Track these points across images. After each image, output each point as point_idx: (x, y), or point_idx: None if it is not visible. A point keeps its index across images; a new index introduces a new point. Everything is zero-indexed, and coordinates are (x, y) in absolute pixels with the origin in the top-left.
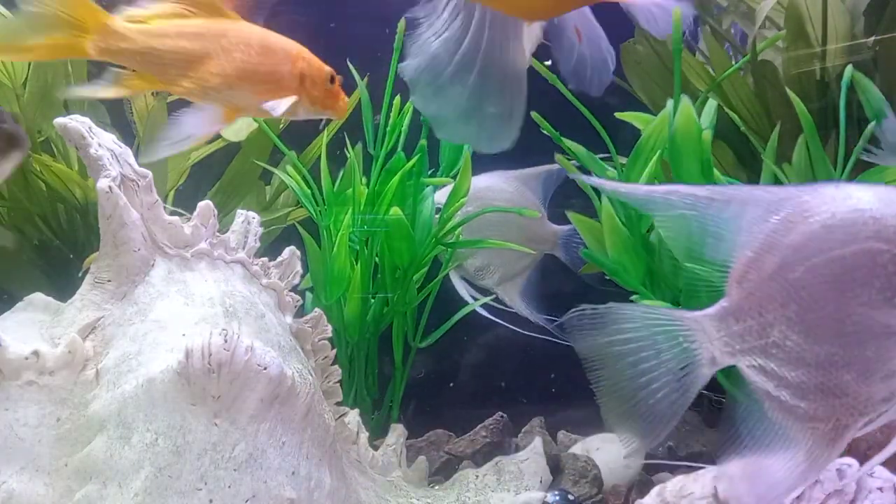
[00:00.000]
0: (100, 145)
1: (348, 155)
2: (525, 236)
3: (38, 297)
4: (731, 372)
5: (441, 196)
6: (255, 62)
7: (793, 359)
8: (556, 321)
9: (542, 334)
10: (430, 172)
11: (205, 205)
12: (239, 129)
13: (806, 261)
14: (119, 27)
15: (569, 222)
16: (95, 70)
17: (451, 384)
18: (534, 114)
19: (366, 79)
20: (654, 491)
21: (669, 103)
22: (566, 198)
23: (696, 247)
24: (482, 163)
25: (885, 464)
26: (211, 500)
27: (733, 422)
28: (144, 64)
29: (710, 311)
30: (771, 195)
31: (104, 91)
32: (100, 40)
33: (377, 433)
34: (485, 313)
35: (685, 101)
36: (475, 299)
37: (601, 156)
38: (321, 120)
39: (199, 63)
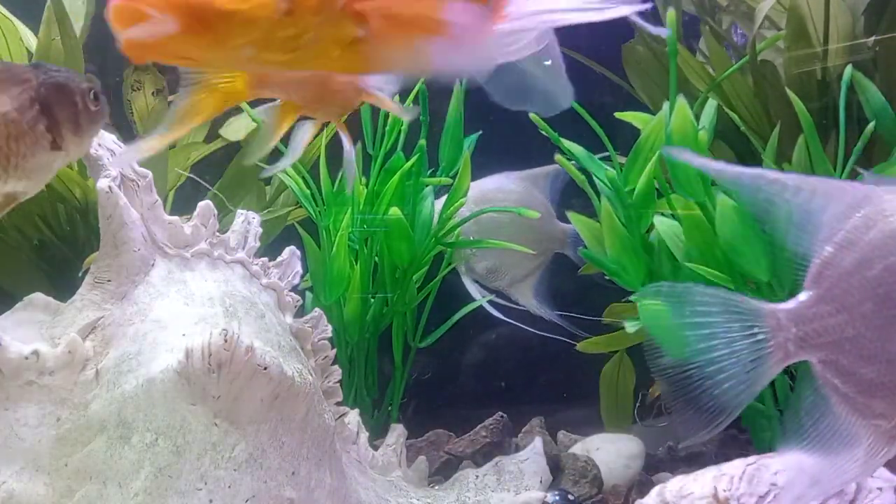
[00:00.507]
0: (100, 145)
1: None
2: (535, 236)
3: (38, 297)
4: None
5: (441, 204)
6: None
7: (865, 356)
8: (573, 317)
9: (556, 333)
10: (429, 172)
11: (205, 205)
12: (238, 129)
13: (884, 259)
14: None
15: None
16: (94, 72)
17: (452, 384)
18: (532, 115)
19: None
20: (654, 491)
21: (667, 104)
22: (566, 198)
23: (780, 235)
24: (485, 166)
25: (885, 464)
26: (211, 500)
27: (797, 414)
28: (288, 91)
29: (789, 305)
30: (854, 191)
31: (272, 134)
32: (250, 77)
33: (377, 433)
34: (497, 314)
35: (681, 101)
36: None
37: (600, 155)
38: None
39: (326, 82)
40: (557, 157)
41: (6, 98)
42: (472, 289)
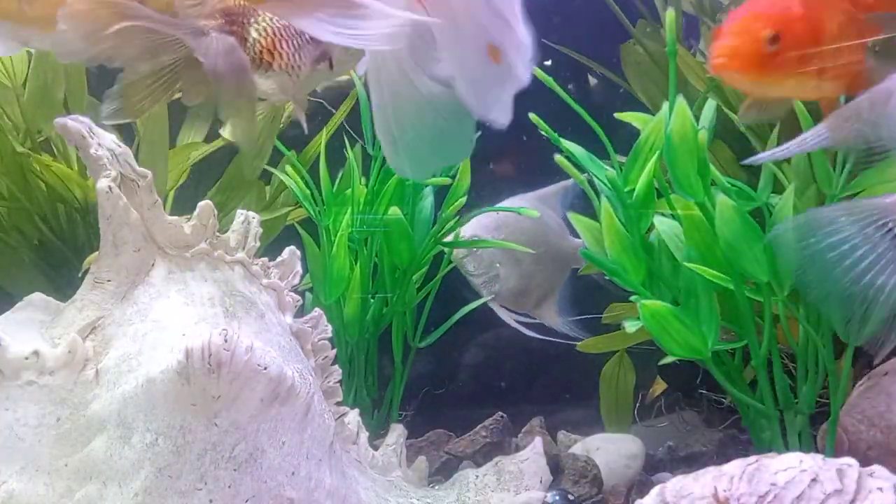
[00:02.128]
0: (100, 145)
1: (347, 155)
2: (552, 252)
3: (38, 297)
4: (730, 372)
5: (469, 230)
6: None
7: None
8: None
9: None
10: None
11: (205, 205)
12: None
13: None
14: None
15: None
16: (94, 70)
17: (452, 384)
18: (532, 115)
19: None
20: (654, 491)
21: (666, 104)
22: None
23: (877, 146)
24: (484, 167)
25: (885, 464)
26: (211, 500)
27: None
28: None
29: None
30: None
31: None
32: None
33: (377, 433)
34: (532, 334)
35: (681, 101)
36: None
37: (606, 162)
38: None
39: None
40: (558, 157)
41: None
42: (505, 316)
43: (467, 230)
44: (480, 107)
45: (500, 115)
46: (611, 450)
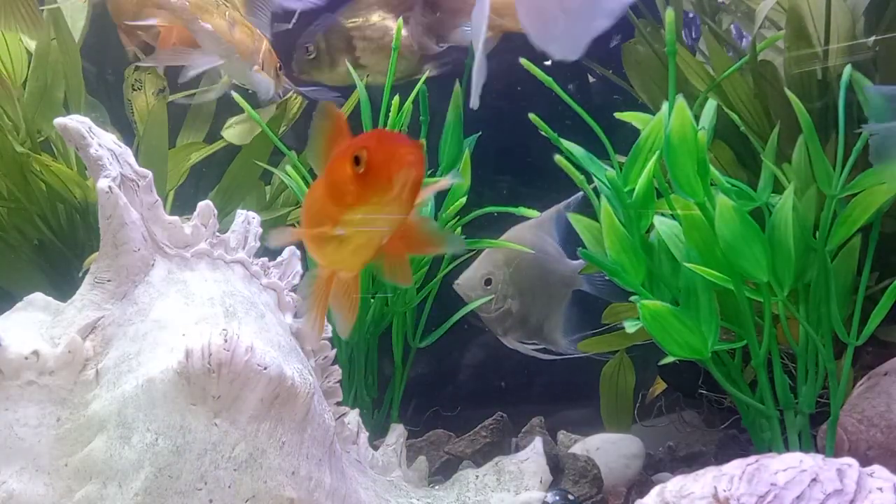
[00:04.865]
0: (100, 145)
1: None
2: (554, 279)
3: (38, 297)
4: (730, 372)
5: (482, 267)
6: None
7: None
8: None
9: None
10: (429, 172)
11: (205, 205)
12: (243, 133)
13: None
14: None
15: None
16: (93, 72)
17: (452, 384)
18: (532, 115)
19: (365, 79)
20: (654, 491)
21: (666, 104)
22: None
23: None
24: (483, 166)
25: (885, 464)
26: (211, 500)
27: None
28: None
29: None
30: None
31: None
32: None
33: (377, 433)
34: (549, 357)
35: (681, 101)
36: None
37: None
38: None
39: None
40: (558, 157)
41: None
42: (523, 349)
43: (480, 268)
44: (542, 36)
45: (567, 50)
46: (611, 450)
